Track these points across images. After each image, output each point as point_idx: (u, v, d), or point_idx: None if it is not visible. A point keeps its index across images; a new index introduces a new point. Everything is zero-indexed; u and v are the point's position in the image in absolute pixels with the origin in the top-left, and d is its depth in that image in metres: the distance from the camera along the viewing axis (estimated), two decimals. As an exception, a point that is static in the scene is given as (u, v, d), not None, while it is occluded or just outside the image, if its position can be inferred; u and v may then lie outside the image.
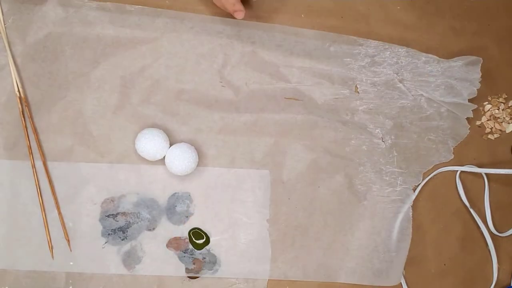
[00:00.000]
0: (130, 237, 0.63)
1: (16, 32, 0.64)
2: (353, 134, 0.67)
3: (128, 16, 0.66)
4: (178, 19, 0.66)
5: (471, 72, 0.68)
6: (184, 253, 0.64)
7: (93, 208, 0.63)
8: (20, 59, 0.64)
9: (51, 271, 0.62)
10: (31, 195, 0.63)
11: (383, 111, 0.68)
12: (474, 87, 0.68)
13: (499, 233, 0.68)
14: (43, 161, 0.63)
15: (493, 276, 0.68)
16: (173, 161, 0.62)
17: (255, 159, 0.66)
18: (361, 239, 0.66)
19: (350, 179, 0.67)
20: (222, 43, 0.67)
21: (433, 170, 0.68)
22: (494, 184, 0.69)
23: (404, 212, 0.67)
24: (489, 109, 0.70)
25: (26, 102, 0.64)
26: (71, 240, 0.63)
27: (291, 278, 0.65)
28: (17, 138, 0.63)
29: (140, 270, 0.63)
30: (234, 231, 0.65)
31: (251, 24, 0.67)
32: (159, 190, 0.64)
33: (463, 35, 0.71)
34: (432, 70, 0.69)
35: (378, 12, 0.70)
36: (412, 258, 0.67)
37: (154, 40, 0.66)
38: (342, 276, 0.66)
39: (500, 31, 0.71)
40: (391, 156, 0.68)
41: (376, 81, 0.68)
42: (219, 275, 0.64)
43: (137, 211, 0.64)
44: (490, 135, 0.70)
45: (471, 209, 0.68)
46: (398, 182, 0.67)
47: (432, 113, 0.68)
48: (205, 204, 0.65)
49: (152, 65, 0.66)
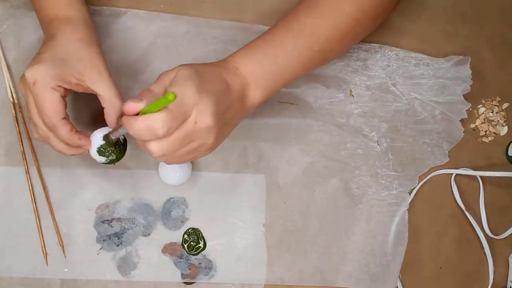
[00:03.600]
0: (125, 242, 0.63)
1: (11, 38, 0.64)
2: (349, 138, 0.67)
3: (123, 20, 0.66)
4: (173, 23, 0.66)
5: (462, 71, 0.69)
6: (180, 258, 0.64)
7: (88, 213, 0.63)
8: (13, 64, 0.64)
9: (45, 278, 0.62)
10: (25, 201, 0.62)
11: (378, 114, 0.68)
12: (467, 84, 0.68)
13: (495, 235, 0.68)
14: (37, 167, 0.63)
15: (489, 279, 0.68)
16: (166, 173, 0.62)
17: (250, 163, 0.66)
18: (357, 243, 0.66)
19: (346, 183, 0.67)
20: (217, 48, 0.67)
21: (428, 173, 0.68)
22: (489, 186, 0.69)
23: (400, 216, 0.67)
24: (483, 112, 0.70)
25: (20, 107, 0.64)
26: (66, 246, 0.62)
27: (288, 282, 0.65)
28: (11, 144, 0.63)
29: (136, 276, 0.63)
30: (230, 236, 0.65)
31: (246, 28, 0.67)
32: (154, 195, 0.64)
33: (456, 39, 0.71)
34: (423, 73, 0.69)
35: (372, 16, 0.70)
36: (408, 261, 0.67)
37: (148, 45, 0.66)
38: (338, 280, 0.66)
39: (493, 35, 0.71)
40: (387, 159, 0.68)
41: (370, 84, 0.68)
42: (215, 280, 0.64)
43: (132, 217, 0.63)
44: (485, 138, 0.70)
45: (466, 212, 0.68)
46: (394, 186, 0.67)
47: (426, 116, 0.68)
48: (201, 209, 0.65)
49: (146, 70, 0.65)
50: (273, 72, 0.55)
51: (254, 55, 0.55)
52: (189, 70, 0.48)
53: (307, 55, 0.57)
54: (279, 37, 0.56)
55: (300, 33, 0.56)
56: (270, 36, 0.57)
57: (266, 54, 0.55)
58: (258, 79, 0.54)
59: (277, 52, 0.55)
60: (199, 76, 0.48)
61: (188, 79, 0.47)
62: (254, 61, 0.55)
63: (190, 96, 0.47)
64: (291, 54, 0.56)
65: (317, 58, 0.58)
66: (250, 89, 0.54)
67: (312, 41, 0.56)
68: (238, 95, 0.53)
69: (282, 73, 0.56)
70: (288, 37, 0.56)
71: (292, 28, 0.56)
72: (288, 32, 0.56)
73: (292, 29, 0.56)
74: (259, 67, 0.55)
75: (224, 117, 0.50)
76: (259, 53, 0.55)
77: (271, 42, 0.56)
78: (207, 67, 0.52)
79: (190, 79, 0.47)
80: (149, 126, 0.45)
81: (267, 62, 0.55)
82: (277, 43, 0.56)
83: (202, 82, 0.48)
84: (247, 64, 0.54)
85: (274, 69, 0.55)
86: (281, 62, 0.55)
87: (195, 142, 0.49)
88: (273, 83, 0.56)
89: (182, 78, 0.48)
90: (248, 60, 0.55)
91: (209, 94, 0.48)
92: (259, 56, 0.55)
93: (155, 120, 0.45)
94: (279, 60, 0.55)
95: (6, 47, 0.64)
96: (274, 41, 0.56)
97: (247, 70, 0.54)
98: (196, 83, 0.47)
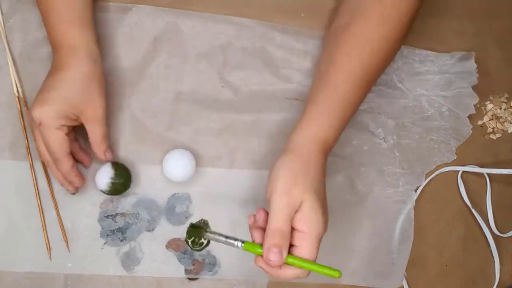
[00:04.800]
0: (129, 238, 0.63)
1: (16, 32, 0.65)
2: (354, 134, 0.67)
3: (129, 16, 0.66)
4: (179, 18, 0.66)
5: (467, 66, 0.68)
6: (184, 254, 0.63)
7: (92, 208, 0.63)
8: (19, 59, 0.64)
9: (49, 273, 0.62)
10: (30, 195, 0.62)
11: (384, 111, 0.68)
12: (473, 77, 0.68)
13: (501, 233, 0.68)
14: (42, 161, 0.63)
15: (495, 277, 0.67)
16: (170, 170, 0.62)
17: (255, 159, 0.65)
18: (362, 240, 0.66)
19: (352, 180, 0.66)
20: (222, 43, 0.67)
21: (435, 170, 0.68)
22: (496, 184, 0.69)
23: (405, 213, 0.67)
24: (491, 109, 0.70)
25: (25, 102, 0.64)
26: (70, 241, 0.62)
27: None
28: (16, 139, 0.63)
29: (139, 271, 0.63)
30: (234, 232, 0.64)
31: (251, 24, 0.67)
32: (159, 191, 0.64)
33: (464, 35, 0.70)
34: (428, 69, 0.68)
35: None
36: (414, 258, 0.66)
37: (154, 40, 0.66)
38: (343, 277, 0.65)
39: (500, 31, 0.71)
40: (393, 156, 0.67)
41: (376, 80, 0.68)
42: (219, 277, 0.64)
43: (136, 212, 0.63)
44: (492, 135, 0.69)
45: (473, 209, 0.68)
46: (400, 183, 0.67)
47: (434, 113, 0.68)
48: (205, 205, 0.64)
49: (151, 65, 0.65)
50: (343, 125, 0.58)
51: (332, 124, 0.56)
52: (315, 202, 0.51)
53: (365, 94, 0.59)
54: (342, 85, 0.57)
55: (361, 77, 0.58)
56: (334, 89, 0.57)
57: (338, 118, 0.56)
58: (333, 140, 0.57)
59: (343, 107, 0.57)
60: (321, 200, 0.52)
61: (320, 221, 0.51)
62: (333, 131, 0.56)
63: (321, 232, 0.51)
64: (354, 101, 0.58)
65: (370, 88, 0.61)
66: None
67: (371, 81, 0.59)
68: None
69: (348, 119, 0.58)
70: (352, 85, 0.57)
71: (353, 73, 0.57)
72: (351, 77, 0.57)
73: (353, 74, 0.57)
74: (337, 131, 0.57)
75: None
76: (335, 119, 0.56)
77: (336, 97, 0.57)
78: (321, 182, 0.54)
79: (319, 213, 0.51)
80: (297, 276, 0.51)
81: (341, 121, 0.57)
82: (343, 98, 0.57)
83: (323, 202, 0.53)
84: (330, 134, 0.56)
85: (344, 123, 0.57)
86: (348, 113, 0.58)
87: None
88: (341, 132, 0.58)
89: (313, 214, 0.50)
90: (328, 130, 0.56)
91: (326, 209, 0.53)
92: (336, 122, 0.56)
93: (303, 272, 0.51)
94: (346, 113, 0.57)
95: (12, 42, 0.64)
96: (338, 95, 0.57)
97: (331, 141, 0.56)
98: (324, 209, 0.52)
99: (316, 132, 0.55)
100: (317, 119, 0.56)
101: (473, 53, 0.68)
